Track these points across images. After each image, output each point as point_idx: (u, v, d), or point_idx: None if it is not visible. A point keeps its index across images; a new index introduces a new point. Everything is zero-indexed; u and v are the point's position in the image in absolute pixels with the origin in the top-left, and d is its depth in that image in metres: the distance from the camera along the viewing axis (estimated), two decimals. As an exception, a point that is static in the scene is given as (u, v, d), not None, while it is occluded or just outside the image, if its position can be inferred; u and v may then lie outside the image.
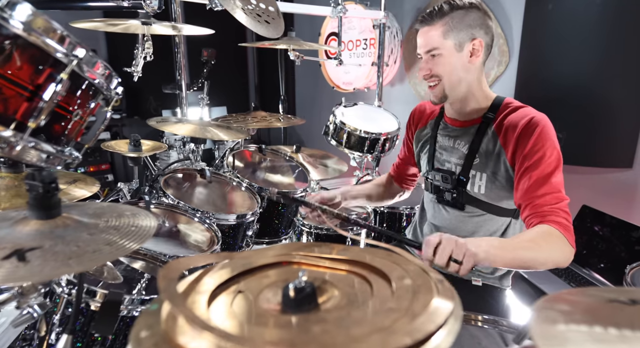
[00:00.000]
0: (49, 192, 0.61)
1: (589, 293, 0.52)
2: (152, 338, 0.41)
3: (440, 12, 1.24)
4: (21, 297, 0.64)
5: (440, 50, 1.24)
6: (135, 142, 1.33)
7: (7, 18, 0.51)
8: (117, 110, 3.66)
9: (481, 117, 1.32)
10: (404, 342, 0.36)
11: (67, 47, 0.56)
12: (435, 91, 1.30)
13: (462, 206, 1.36)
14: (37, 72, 0.55)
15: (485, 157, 1.29)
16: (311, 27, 3.87)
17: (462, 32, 1.23)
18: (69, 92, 0.60)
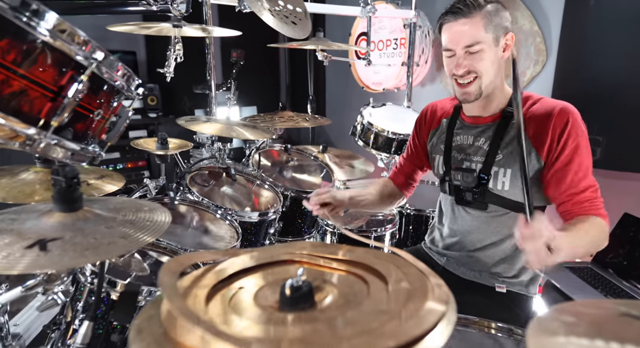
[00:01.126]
0: (72, 187, 0.65)
1: (603, 306, 0.50)
2: (151, 329, 0.43)
3: (478, 3, 1.18)
4: (46, 283, 0.68)
5: (482, 44, 1.17)
6: (163, 141, 1.38)
7: (34, 26, 0.55)
8: (153, 110, 3.81)
9: (500, 112, 1.28)
10: (388, 344, 0.36)
11: (87, 51, 0.60)
12: (471, 89, 1.23)
13: (485, 205, 1.32)
14: (60, 74, 0.59)
15: (508, 152, 1.25)
16: (342, 27, 3.87)
17: (499, 26, 1.18)
18: (90, 92, 0.64)
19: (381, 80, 3.41)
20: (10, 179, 0.92)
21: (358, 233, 2.01)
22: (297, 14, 1.99)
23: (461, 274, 1.43)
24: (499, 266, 1.36)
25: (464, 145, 1.36)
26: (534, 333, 0.42)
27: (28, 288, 0.68)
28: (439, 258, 1.50)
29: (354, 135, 2.53)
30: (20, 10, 0.53)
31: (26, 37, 0.55)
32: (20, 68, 0.55)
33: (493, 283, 1.38)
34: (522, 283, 1.37)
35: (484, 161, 1.28)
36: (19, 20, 0.54)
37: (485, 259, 1.37)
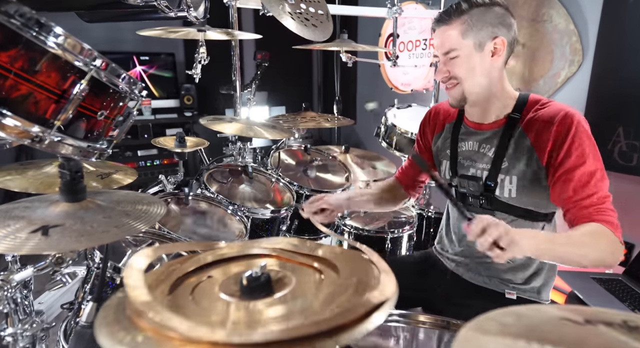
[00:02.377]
0: (75, 179, 0.73)
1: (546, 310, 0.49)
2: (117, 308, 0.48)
3: (458, 10, 1.16)
4: (54, 266, 0.76)
5: (458, 51, 1.17)
6: (180, 139, 1.47)
7: (43, 39, 0.63)
8: (189, 109, 3.99)
9: (505, 118, 1.25)
10: (308, 331, 0.39)
11: (87, 58, 0.67)
12: (453, 93, 1.24)
13: (492, 213, 1.29)
14: (63, 79, 0.66)
15: (514, 159, 1.22)
16: (374, 27, 3.87)
17: (483, 31, 1.16)
18: (92, 95, 0.71)
19: (410, 81, 3.38)
20: (35, 172, 1.03)
21: (376, 233, 2.02)
22: (319, 16, 2.03)
23: (470, 279, 1.41)
24: (509, 273, 1.34)
25: (470, 151, 1.34)
26: (466, 331, 0.43)
27: (39, 269, 0.77)
28: (448, 263, 1.49)
29: (378, 136, 2.53)
30: (29, 24, 0.61)
31: (33, 47, 0.63)
32: (27, 74, 0.63)
33: (503, 289, 1.35)
34: (533, 290, 1.34)
35: (490, 168, 1.26)
36: (27, 33, 0.61)
37: (495, 265, 1.35)
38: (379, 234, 2.01)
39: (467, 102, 1.25)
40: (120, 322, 0.45)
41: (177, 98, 4.06)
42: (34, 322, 0.82)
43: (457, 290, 1.43)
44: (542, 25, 2.65)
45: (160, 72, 4.02)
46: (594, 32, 2.35)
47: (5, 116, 0.63)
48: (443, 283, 1.46)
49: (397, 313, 0.97)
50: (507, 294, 1.35)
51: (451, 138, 1.39)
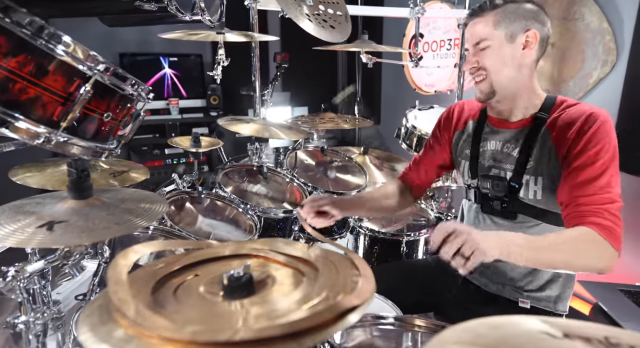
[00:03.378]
0: (81, 178, 0.77)
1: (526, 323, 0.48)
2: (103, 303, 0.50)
3: (492, 4, 1.17)
4: (63, 259, 0.81)
5: (489, 41, 1.16)
6: (196, 139, 1.52)
7: (52, 47, 0.66)
8: (214, 108, 4.08)
9: (532, 117, 1.21)
10: (274, 332, 0.40)
11: (91, 63, 0.70)
12: (482, 86, 1.21)
13: (514, 215, 1.26)
14: (69, 82, 0.70)
15: (539, 160, 1.18)
16: (399, 27, 3.82)
17: (515, 23, 1.15)
18: (97, 97, 0.75)
19: (433, 82, 3.32)
20: (53, 169, 1.09)
21: (392, 236, 2.00)
22: (337, 17, 2.03)
23: (483, 286, 1.38)
24: (524, 280, 1.30)
25: (493, 151, 1.30)
26: (438, 339, 0.43)
27: (49, 261, 0.81)
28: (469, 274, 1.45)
29: (399, 138, 2.51)
30: (39, 33, 0.65)
31: (41, 53, 0.66)
32: (35, 78, 0.67)
33: (516, 298, 1.32)
34: (548, 299, 1.29)
35: (515, 169, 1.22)
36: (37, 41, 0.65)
37: (509, 272, 1.31)
38: (395, 237, 1.99)
39: (496, 96, 1.21)
40: (103, 317, 0.47)
41: (204, 98, 4.16)
42: (45, 312, 0.87)
43: (468, 296, 1.40)
44: (573, 24, 2.54)
45: (188, 73, 4.14)
46: (630, 30, 2.23)
47: (17, 119, 0.67)
48: (454, 288, 1.43)
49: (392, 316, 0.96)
50: (521, 303, 1.31)
51: (473, 137, 1.35)
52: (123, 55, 3.89)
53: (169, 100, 4.02)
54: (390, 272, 1.61)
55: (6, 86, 0.64)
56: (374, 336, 1.02)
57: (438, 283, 1.47)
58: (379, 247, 2.02)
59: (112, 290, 0.47)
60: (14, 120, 0.67)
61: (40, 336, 0.86)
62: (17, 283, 0.81)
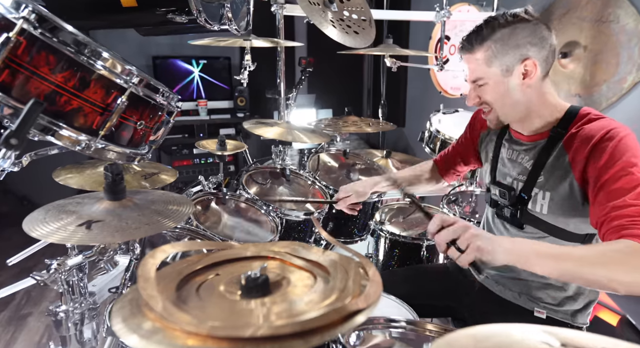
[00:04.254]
0: (116, 181, 0.83)
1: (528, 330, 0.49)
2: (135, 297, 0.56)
3: (480, 37, 1.11)
4: (99, 255, 0.88)
5: (485, 79, 1.14)
6: (221, 142, 1.58)
7: (93, 63, 0.73)
8: (241, 110, 4.18)
9: (549, 131, 1.18)
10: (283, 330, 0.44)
11: (127, 77, 0.77)
12: (489, 117, 1.23)
13: (521, 225, 1.26)
14: (107, 94, 0.76)
15: (550, 175, 1.17)
16: (425, 30, 3.80)
17: (509, 55, 1.10)
18: (132, 108, 0.81)
19: (459, 85, 3.29)
20: (91, 171, 1.18)
21: (412, 240, 2.01)
22: (361, 23, 2.06)
23: (499, 292, 1.38)
24: (541, 291, 1.29)
25: (508, 159, 1.31)
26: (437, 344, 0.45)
27: (87, 257, 0.89)
28: (478, 276, 1.46)
29: (422, 141, 2.51)
30: (81, 50, 0.72)
31: (83, 68, 0.73)
32: (78, 91, 0.74)
33: (532, 307, 1.31)
34: (566, 312, 1.28)
35: (526, 180, 1.23)
36: (80, 58, 0.72)
37: (522, 279, 1.31)
38: (416, 241, 2.00)
39: (506, 122, 1.23)
40: (133, 310, 0.53)
41: (231, 99, 4.27)
42: (82, 302, 0.95)
43: (483, 302, 1.40)
44: (608, 26, 2.47)
45: (217, 75, 4.26)
46: (667, 33, 2.15)
47: (61, 128, 0.74)
48: (470, 294, 1.44)
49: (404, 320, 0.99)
50: (536, 312, 1.30)
51: (496, 141, 1.37)
52: (156, 57, 4.05)
53: (198, 102, 4.15)
54: (409, 275, 1.63)
55: (53, 98, 0.72)
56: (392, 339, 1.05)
57: (456, 288, 1.48)
58: (399, 251, 2.03)
59: (141, 287, 0.53)
60: (59, 129, 0.74)
61: (78, 324, 0.93)
62: (59, 276, 0.89)
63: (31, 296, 2.76)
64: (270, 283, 0.60)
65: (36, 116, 0.66)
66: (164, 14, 1.13)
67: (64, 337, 0.93)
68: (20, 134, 0.65)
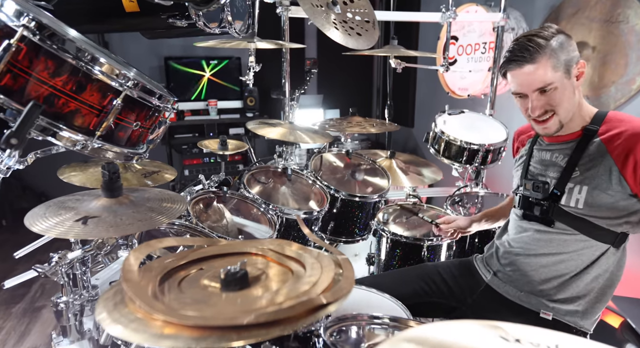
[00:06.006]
0: (112, 179, 0.88)
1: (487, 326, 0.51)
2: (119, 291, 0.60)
3: (539, 46, 1.17)
4: (97, 249, 0.92)
5: (555, 83, 1.19)
6: (223, 142, 1.62)
7: (90, 68, 0.77)
8: (251, 110, 4.24)
9: (582, 130, 1.26)
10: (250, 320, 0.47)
11: (122, 80, 0.81)
12: (550, 124, 1.25)
13: (551, 221, 1.27)
14: (103, 97, 0.81)
15: (588, 170, 1.21)
16: (435, 31, 3.79)
17: (564, 58, 1.19)
18: (127, 109, 0.85)
19: (467, 86, 3.28)
20: (94, 169, 1.23)
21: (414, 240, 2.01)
22: (365, 24, 2.07)
23: (504, 293, 1.39)
24: (549, 282, 1.30)
25: (542, 159, 1.36)
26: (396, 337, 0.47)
27: (86, 251, 0.93)
28: (484, 274, 1.46)
29: (427, 142, 2.51)
30: (79, 55, 0.76)
31: (80, 73, 0.78)
32: (75, 94, 0.78)
33: (538, 309, 1.31)
34: (574, 313, 1.28)
35: (559, 176, 1.27)
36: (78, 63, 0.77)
37: (535, 279, 1.32)
38: (417, 242, 2.01)
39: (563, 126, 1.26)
40: (116, 300, 0.56)
41: (241, 99, 4.33)
42: (82, 294, 1.00)
43: (487, 303, 1.41)
44: (617, 27, 2.43)
45: (227, 75, 4.32)
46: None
47: (61, 129, 0.79)
48: (475, 294, 1.44)
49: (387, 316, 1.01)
50: (543, 314, 1.31)
51: (528, 152, 1.43)
52: (168, 58, 4.13)
53: (208, 101, 4.22)
54: (411, 274, 1.64)
55: (52, 101, 0.76)
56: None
57: (460, 288, 1.48)
58: (401, 251, 2.04)
59: (124, 279, 0.56)
60: (59, 130, 0.79)
61: (78, 315, 0.98)
62: (59, 268, 0.93)
63: (45, 289, 2.86)
64: (250, 277, 0.63)
65: (35, 117, 0.71)
66: (165, 19, 1.17)
67: (64, 327, 0.97)
68: (20, 134, 0.70)
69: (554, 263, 1.28)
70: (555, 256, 1.27)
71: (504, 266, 1.40)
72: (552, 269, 1.28)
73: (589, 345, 0.48)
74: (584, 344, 0.48)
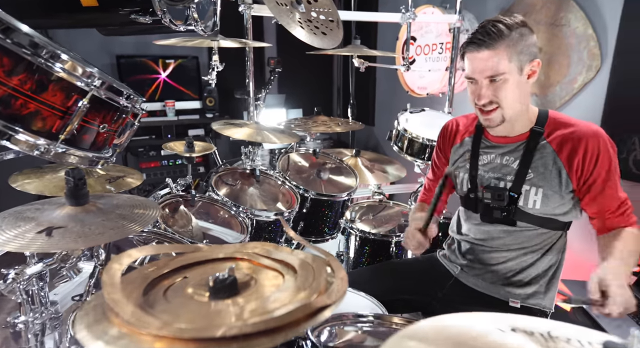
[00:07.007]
0: (78, 186, 0.81)
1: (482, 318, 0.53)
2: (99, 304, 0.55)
3: (500, 33, 1.16)
4: (61, 262, 0.85)
5: (507, 74, 1.18)
6: (189, 144, 1.56)
7: (51, 65, 0.71)
8: (210, 110, 4.12)
9: (529, 131, 1.29)
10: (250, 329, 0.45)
11: (88, 79, 0.75)
12: (493, 117, 1.25)
13: (514, 222, 1.32)
14: (67, 97, 0.75)
15: (541, 172, 1.26)
16: (393, 31, 3.87)
17: (522, 54, 1.18)
18: (94, 111, 0.79)
19: (426, 85, 3.38)
20: (51, 175, 1.14)
21: (382, 237, 2.04)
22: (329, 24, 2.08)
23: (473, 285, 1.43)
24: (515, 273, 1.36)
25: (492, 164, 1.36)
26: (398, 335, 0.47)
27: (48, 264, 0.86)
28: (452, 269, 1.50)
29: (390, 140, 2.55)
30: (39, 53, 0.70)
31: (40, 71, 0.71)
32: (35, 94, 0.71)
33: (507, 298, 1.37)
34: (536, 296, 1.35)
35: (514, 179, 1.29)
36: (36, 60, 0.70)
37: (503, 271, 1.38)
38: (385, 238, 2.04)
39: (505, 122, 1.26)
40: (97, 316, 0.52)
41: (200, 100, 4.20)
42: (43, 312, 0.92)
43: (458, 296, 1.45)
44: (560, 30, 2.60)
45: (184, 75, 4.17)
46: (613, 36, 2.29)
47: (17, 132, 0.72)
48: (445, 288, 1.48)
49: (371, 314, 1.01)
50: (511, 302, 1.36)
51: (471, 152, 1.40)
52: (120, 57, 3.93)
53: (165, 102, 4.06)
54: (381, 272, 1.65)
55: (8, 102, 0.69)
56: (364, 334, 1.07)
57: (429, 283, 1.51)
58: (369, 248, 2.07)
59: (106, 292, 0.52)
60: (15, 133, 0.72)
61: (39, 335, 0.90)
62: (17, 285, 0.85)
63: (-10, 308, 2.62)
64: (239, 284, 0.61)
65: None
66: (127, 15, 1.11)
67: (24, 349, 0.89)
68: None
69: (519, 256, 1.34)
70: (520, 249, 1.33)
71: (471, 261, 1.44)
72: (517, 261, 1.35)
73: (577, 329, 0.51)
74: (572, 329, 0.50)
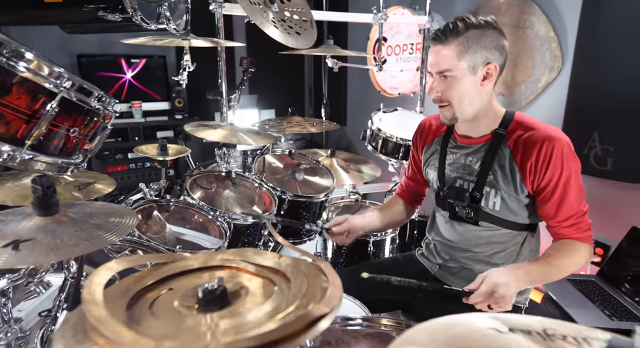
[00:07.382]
0: (47, 195, 0.76)
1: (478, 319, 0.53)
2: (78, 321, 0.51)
3: (455, 30, 1.18)
4: (28, 277, 0.79)
5: (454, 72, 1.19)
6: (162, 147, 1.50)
7: (13, 64, 0.66)
8: (179, 111, 4.01)
9: (492, 133, 1.30)
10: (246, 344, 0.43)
11: (57, 80, 0.70)
12: (444, 113, 1.28)
13: (477, 222, 1.35)
14: (33, 100, 0.69)
15: (499, 175, 1.27)
16: (364, 31, 3.90)
17: (477, 55, 1.18)
18: (64, 114, 0.74)
19: (397, 85, 3.42)
20: (13, 183, 1.06)
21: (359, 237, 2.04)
22: (303, 23, 2.06)
23: (452, 284, 1.45)
24: None
25: (457, 164, 1.38)
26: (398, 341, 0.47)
27: (13, 280, 0.80)
28: (431, 267, 1.52)
29: (364, 140, 2.56)
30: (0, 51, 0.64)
31: (2, 71, 0.66)
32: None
33: None
34: None
35: (476, 181, 1.31)
36: (-3, 57, 0.64)
37: (477, 270, 1.39)
38: (362, 238, 2.04)
39: (458, 121, 1.29)
40: (78, 337, 0.48)
41: (168, 100, 4.08)
42: (9, 331, 0.85)
43: (437, 294, 1.47)
44: (524, 32, 2.70)
45: (151, 75, 4.04)
46: (573, 38, 2.40)
47: (-24, 137, 0.66)
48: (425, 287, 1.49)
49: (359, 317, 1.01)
50: None
51: (440, 151, 1.43)
52: (81, 56, 3.75)
53: (132, 103, 3.91)
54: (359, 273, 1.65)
55: (-33, 105, 0.63)
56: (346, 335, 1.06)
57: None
58: (347, 248, 2.07)
59: (88, 310, 0.48)
60: (-26, 139, 0.66)
61: (6, 356, 0.84)
62: (-20, 303, 0.79)
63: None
64: (229, 294, 0.58)
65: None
66: (93, 11, 1.05)
67: (-11, 371, 0.82)
68: None
69: (490, 256, 1.37)
70: (489, 249, 1.36)
71: (446, 261, 1.47)
72: (489, 261, 1.38)
73: (571, 326, 0.52)
74: (565, 325, 0.51)
